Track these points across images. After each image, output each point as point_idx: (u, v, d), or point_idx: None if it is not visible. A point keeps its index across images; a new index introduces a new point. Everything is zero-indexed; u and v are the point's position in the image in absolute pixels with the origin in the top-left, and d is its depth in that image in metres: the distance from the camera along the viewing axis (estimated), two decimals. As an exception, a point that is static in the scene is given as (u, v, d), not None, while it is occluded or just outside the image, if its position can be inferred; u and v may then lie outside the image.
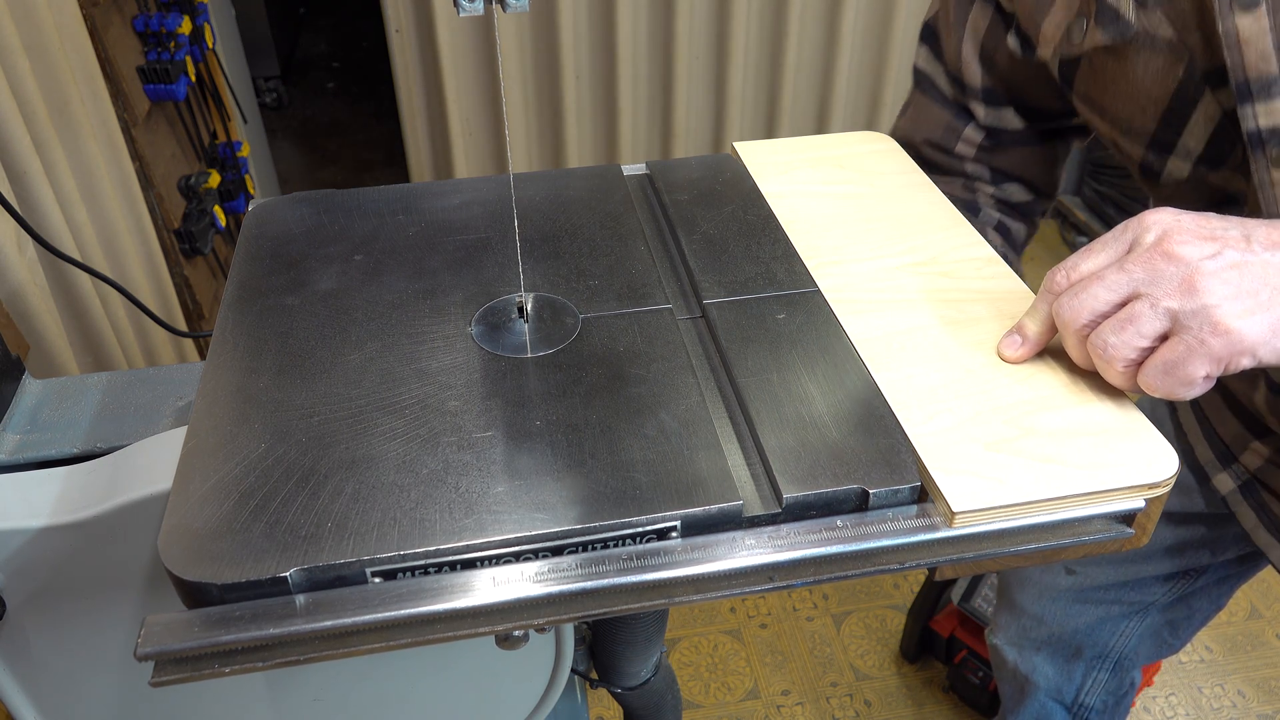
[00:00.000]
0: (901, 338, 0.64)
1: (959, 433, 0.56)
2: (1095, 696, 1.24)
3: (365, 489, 0.53)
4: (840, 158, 0.85)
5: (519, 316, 0.66)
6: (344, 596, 0.49)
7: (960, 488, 0.53)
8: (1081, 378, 0.60)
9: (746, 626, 1.78)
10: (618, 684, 0.92)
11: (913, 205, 0.78)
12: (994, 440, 0.56)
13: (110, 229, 1.38)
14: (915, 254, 0.72)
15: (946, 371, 0.61)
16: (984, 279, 0.69)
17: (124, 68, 1.51)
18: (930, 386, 0.60)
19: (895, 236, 0.74)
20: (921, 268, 0.71)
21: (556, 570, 0.50)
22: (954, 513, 0.52)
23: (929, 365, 0.61)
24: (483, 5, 0.56)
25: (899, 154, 0.85)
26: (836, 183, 0.81)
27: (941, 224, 0.76)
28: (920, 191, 0.80)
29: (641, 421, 0.57)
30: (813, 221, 0.76)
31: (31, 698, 0.71)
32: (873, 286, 0.69)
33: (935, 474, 0.54)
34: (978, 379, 0.60)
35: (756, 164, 0.84)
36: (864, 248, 0.73)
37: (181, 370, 0.79)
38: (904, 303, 0.67)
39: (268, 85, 3.50)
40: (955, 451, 0.55)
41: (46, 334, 1.13)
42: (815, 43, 2.49)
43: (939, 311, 0.66)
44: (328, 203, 0.79)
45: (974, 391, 0.59)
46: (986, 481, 0.53)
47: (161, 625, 0.48)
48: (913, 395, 0.59)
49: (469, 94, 2.36)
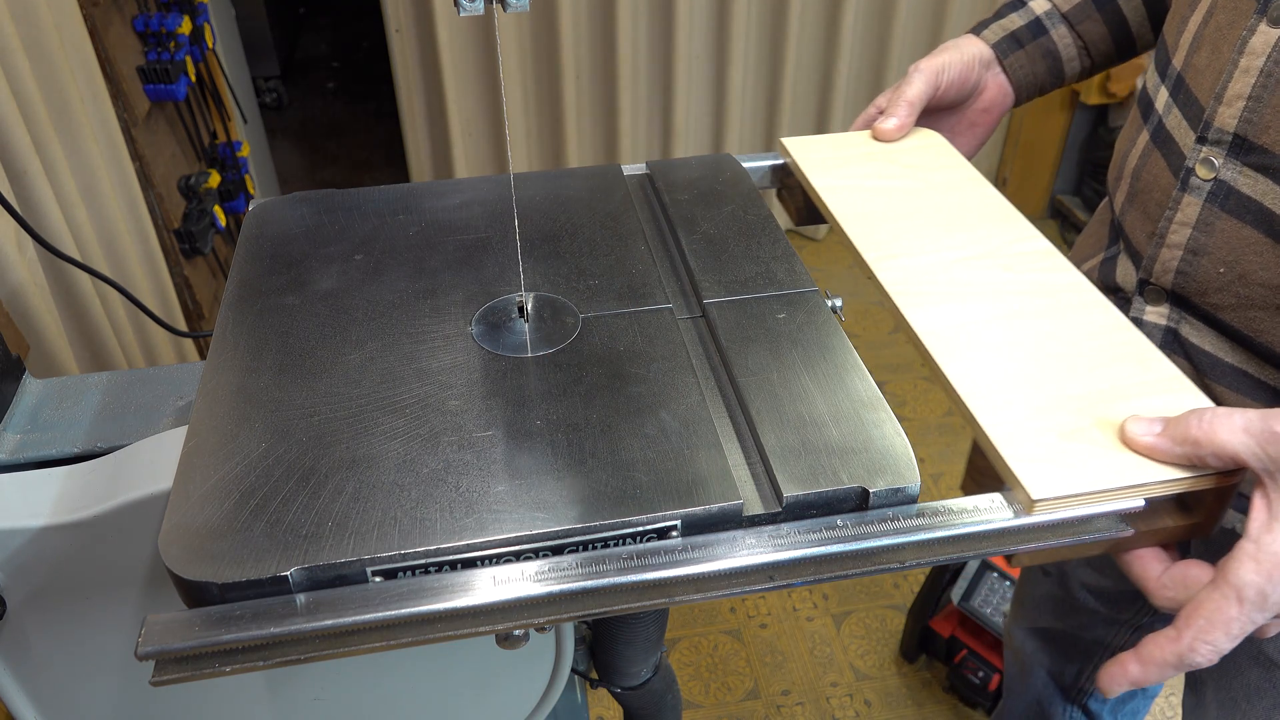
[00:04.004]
0: (967, 329, 0.64)
1: (1032, 422, 0.57)
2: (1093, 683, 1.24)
3: (366, 488, 0.53)
4: (891, 153, 0.85)
5: (519, 316, 0.66)
6: (344, 596, 0.49)
7: (1038, 476, 0.53)
8: (1151, 367, 0.61)
9: (746, 626, 1.78)
10: (618, 684, 0.92)
11: (967, 199, 0.79)
12: (1068, 429, 0.56)
13: (110, 229, 1.38)
14: (973, 247, 0.73)
15: (1015, 362, 0.61)
16: (1043, 271, 0.70)
17: (124, 68, 1.51)
18: (1000, 377, 0.60)
19: (952, 230, 0.75)
20: (980, 261, 0.71)
21: (557, 569, 0.50)
22: (1034, 500, 0.52)
23: (996, 356, 0.62)
24: (483, 5, 0.56)
25: (949, 150, 0.86)
26: (890, 177, 0.81)
27: (997, 218, 0.76)
28: (974, 186, 0.80)
29: (642, 421, 0.57)
30: (869, 215, 0.76)
31: (31, 698, 0.71)
32: (934, 279, 0.69)
33: (1012, 462, 0.54)
34: (1046, 369, 0.61)
35: (807, 159, 0.84)
36: (922, 241, 0.73)
37: (181, 370, 0.79)
38: (966, 295, 0.67)
39: (268, 85, 3.50)
40: (1030, 440, 0.55)
41: (46, 334, 1.13)
42: (815, 43, 2.49)
43: (1001, 304, 0.67)
44: (328, 203, 0.79)
45: (1044, 381, 0.60)
46: (1064, 469, 0.54)
47: (162, 624, 0.48)
48: (983, 385, 0.59)
49: (469, 94, 2.36)
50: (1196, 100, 0.71)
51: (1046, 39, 0.88)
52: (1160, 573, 0.57)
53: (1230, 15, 0.69)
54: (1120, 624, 1.15)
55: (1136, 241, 0.78)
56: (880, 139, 0.86)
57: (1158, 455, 0.55)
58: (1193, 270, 0.72)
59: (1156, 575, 0.57)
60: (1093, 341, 0.63)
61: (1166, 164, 0.74)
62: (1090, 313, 0.66)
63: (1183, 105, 0.72)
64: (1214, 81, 0.69)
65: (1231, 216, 0.68)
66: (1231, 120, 0.67)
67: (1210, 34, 0.70)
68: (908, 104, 0.85)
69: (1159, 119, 0.76)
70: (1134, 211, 0.79)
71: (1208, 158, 0.69)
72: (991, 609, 1.59)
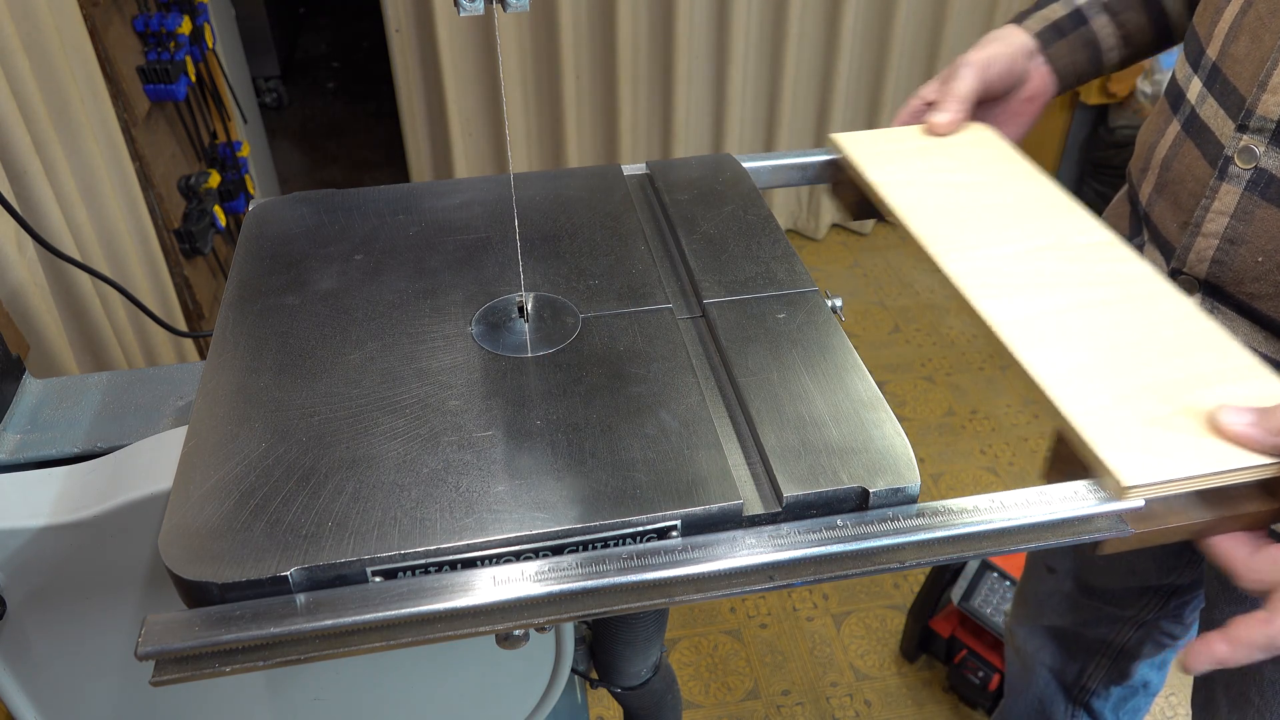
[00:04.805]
0: (1040, 320, 0.65)
1: (1117, 410, 0.57)
2: (1096, 681, 1.24)
3: (366, 488, 0.53)
4: (945, 147, 0.85)
5: (519, 316, 0.66)
6: (344, 596, 0.49)
7: (1129, 462, 0.54)
8: (1229, 355, 0.61)
9: (746, 626, 1.78)
10: (618, 684, 0.92)
11: (1027, 192, 0.79)
12: (1152, 417, 0.57)
13: (110, 229, 1.38)
14: (1038, 239, 0.73)
15: (1091, 351, 0.62)
16: (1110, 262, 0.70)
17: (124, 68, 1.51)
18: (1078, 366, 0.60)
19: (1015, 222, 0.75)
20: (1047, 252, 0.71)
21: (557, 569, 0.50)
22: (1125, 487, 0.53)
23: (1073, 346, 0.62)
24: (483, 5, 0.56)
25: (1003, 143, 0.86)
26: (948, 171, 0.82)
27: (1059, 210, 0.77)
28: (1031, 179, 0.81)
29: (642, 421, 0.57)
30: (931, 209, 0.77)
31: (31, 698, 0.71)
32: (1003, 271, 0.70)
33: (1101, 450, 0.54)
34: (1126, 358, 0.61)
35: (862, 153, 0.84)
36: (986, 234, 0.74)
37: (181, 370, 0.79)
38: (1036, 286, 0.68)
39: (268, 85, 3.50)
40: (1117, 428, 0.56)
41: (46, 334, 1.13)
42: (815, 43, 2.49)
43: (1072, 294, 0.67)
44: (328, 203, 0.79)
45: (1123, 370, 0.60)
46: (1153, 456, 0.54)
47: (162, 624, 0.48)
48: (1063, 374, 0.60)
49: (469, 94, 2.36)
50: (1235, 89, 0.71)
51: (1087, 29, 0.89)
52: (1249, 555, 0.58)
53: (1272, 4, 0.69)
54: (1125, 621, 1.15)
55: (1167, 232, 0.78)
56: (934, 133, 0.87)
57: (1250, 445, 0.55)
58: (1229, 259, 0.72)
59: (1244, 558, 0.58)
60: (1167, 330, 0.64)
61: (1201, 153, 0.74)
62: (1162, 302, 0.66)
63: (1219, 95, 0.73)
64: (1256, 70, 0.69)
65: (1272, 205, 0.69)
66: (1276, 108, 0.67)
67: (1250, 23, 0.71)
68: (959, 99, 0.86)
69: (1191, 109, 0.76)
70: (1163, 202, 0.79)
71: (1248, 146, 0.69)
72: (991, 609, 1.59)
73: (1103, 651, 1.20)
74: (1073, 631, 1.20)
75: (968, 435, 2.17)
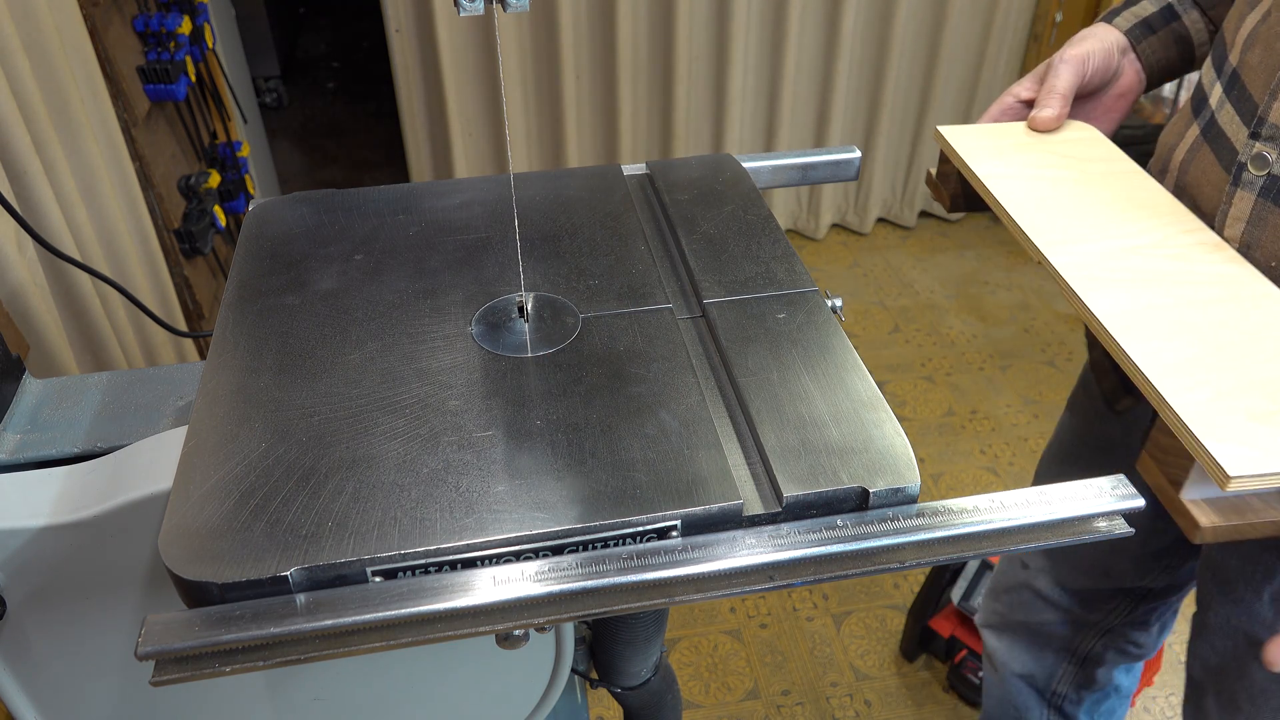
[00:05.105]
0: (1145, 314, 0.65)
1: (1221, 404, 0.58)
2: (1066, 686, 1.24)
3: (366, 488, 0.53)
4: (1048, 143, 0.86)
5: (519, 316, 0.66)
6: (344, 596, 0.49)
7: (1233, 454, 0.54)
8: None
9: (746, 626, 1.78)
10: (618, 684, 0.92)
11: (1130, 191, 0.80)
12: (1257, 412, 0.57)
13: (110, 229, 1.38)
14: (1143, 237, 0.73)
15: (1197, 346, 0.62)
16: (1213, 263, 0.71)
17: (124, 68, 1.51)
18: (1184, 360, 0.61)
19: (1119, 219, 0.76)
20: (1151, 250, 0.72)
21: (557, 569, 0.50)
22: (1229, 477, 0.53)
23: (1178, 340, 0.63)
24: (483, 5, 0.56)
25: (1105, 141, 0.87)
26: (1050, 167, 0.82)
27: (1163, 210, 0.77)
28: (1135, 178, 0.81)
29: (642, 421, 0.57)
30: (1034, 202, 0.77)
31: (31, 698, 0.71)
32: (1107, 265, 0.70)
33: (1206, 441, 0.55)
34: (1229, 355, 0.62)
35: (965, 147, 0.85)
36: (1090, 229, 0.74)
37: (181, 370, 0.79)
38: (1141, 281, 0.69)
39: (268, 85, 3.50)
40: (1221, 420, 0.57)
41: (46, 334, 1.13)
42: (815, 43, 2.49)
43: (1177, 291, 0.68)
44: (328, 203, 0.79)
45: (1228, 367, 0.61)
46: (1257, 450, 0.55)
47: (162, 625, 0.48)
48: (1168, 366, 0.60)
49: (469, 94, 2.36)
50: (1250, 96, 0.72)
51: (1179, 24, 0.89)
52: None
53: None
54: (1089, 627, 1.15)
55: None
56: (1037, 129, 0.87)
57: None
58: None
59: None
60: (1272, 331, 0.64)
61: (1216, 158, 0.75)
62: (1266, 303, 0.67)
63: (1236, 101, 0.73)
64: (1268, 78, 0.70)
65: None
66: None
67: (1265, 33, 0.71)
68: (1060, 96, 0.86)
69: (1211, 114, 0.77)
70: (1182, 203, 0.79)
71: (1261, 153, 0.70)
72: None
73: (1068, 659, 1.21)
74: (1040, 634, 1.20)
75: (968, 435, 2.17)
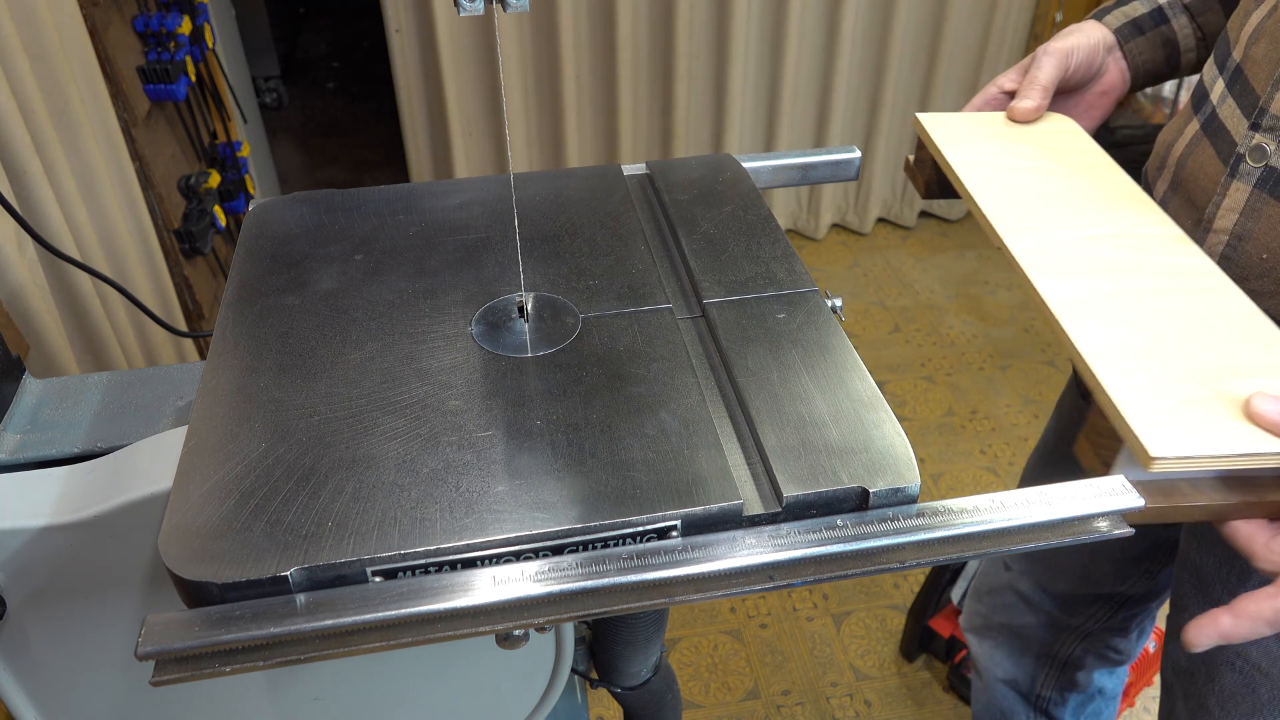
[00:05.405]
0: (1094, 302, 0.66)
1: (1154, 389, 0.58)
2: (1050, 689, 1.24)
3: (366, 488, 0.53)
4: (1026, 134, 0.87)
5: (519, 316, 0.66)
6: (344, 596, 0.49)
7: (1158, 436, 0.55)
8: (1275, 350, 0.62)
9: (746, 626, 1.78)
10: (618, 684, 0.92)
11: (1099, 182, 0.80)
12: (1188, 399, 0.58)
13: (110, 229, 1.38)
14: (1104, 227, 0.74)
15: (1143, 334, 0.63)
16: (1171, 254, 0.71)
17: (124, 68, 1.51)
18: (1125, 346, 0.62)
19: (1084, 210, 0.76)
20: (1111, 240, 0.73)
21: (556, 569, 0.50)
22: (1152, 458, 0.54)
23: (1124, 327, 0.64)
24: (483, 5, 0.56)
25: (1083, 136, 0.87)
26: (1024, 157, 0.83)
27: (1128, 201, 0.78)
28: (1106, 170, 0.82)
29: (642, 421, 0.57)
30: (1003, 190, 0.78)
31: (31, 698, 0.71)
32: (1065, 253, 0.71)
33: (1133, 422, 0.56)
34: (1173, 344, 0.62)
35: (942, 134, 0.86)
36: (1054, 217, 0.75)
37: (181, 370, 0.79)
38: (1096, 270, 0.69)
39: (268, 85, 3.50)
40: (1151, 405, 0.57)
41: (46, 334, 1.13)
42: (815, 43, 2.49)
43: (1130, 281, 0.68)
44: (328, 203, 0.79)
45: (1170, 354, 0.62)
46: (1183, 433, 0.55)
47: (162, 624, 0.48)
48: (1108, 353, 0.61)
49: (469, 94, 2.36)
50: (1253, 89, 0.72)
51: (1167, 27, 0.90)
52: (1269, 539, 0.59)
53: None
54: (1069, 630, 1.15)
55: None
56: (1015, 119, 0.88)
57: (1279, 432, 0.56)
58: (1236, 256, 0.73)
59: (1265, 541, 0.59)
60: (1218, 323, 0.65)
61: (1215, 152, 0.76)
62: (1216, 295, 0.67)
63: (1238, 95, 0.74)
64: (1272, 70, 0.70)
65: (1278, 202, 0.69)
66: None
67: (1271, 26, 0.72)
68: (1041, 87, 0.87)
69: (1212, 109, 0.77)
70: (1177, 199, 0.80)
71: (1260, 144, 0.70)
72: (991, 609, 1.59)
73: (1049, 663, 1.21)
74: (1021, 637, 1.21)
75: (968, 435, 2.17)
